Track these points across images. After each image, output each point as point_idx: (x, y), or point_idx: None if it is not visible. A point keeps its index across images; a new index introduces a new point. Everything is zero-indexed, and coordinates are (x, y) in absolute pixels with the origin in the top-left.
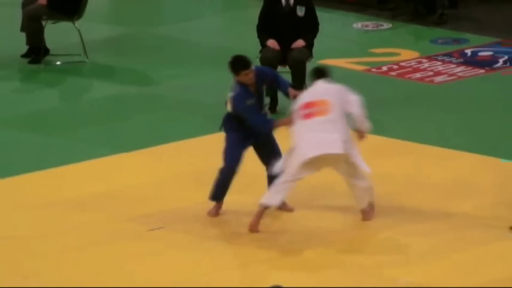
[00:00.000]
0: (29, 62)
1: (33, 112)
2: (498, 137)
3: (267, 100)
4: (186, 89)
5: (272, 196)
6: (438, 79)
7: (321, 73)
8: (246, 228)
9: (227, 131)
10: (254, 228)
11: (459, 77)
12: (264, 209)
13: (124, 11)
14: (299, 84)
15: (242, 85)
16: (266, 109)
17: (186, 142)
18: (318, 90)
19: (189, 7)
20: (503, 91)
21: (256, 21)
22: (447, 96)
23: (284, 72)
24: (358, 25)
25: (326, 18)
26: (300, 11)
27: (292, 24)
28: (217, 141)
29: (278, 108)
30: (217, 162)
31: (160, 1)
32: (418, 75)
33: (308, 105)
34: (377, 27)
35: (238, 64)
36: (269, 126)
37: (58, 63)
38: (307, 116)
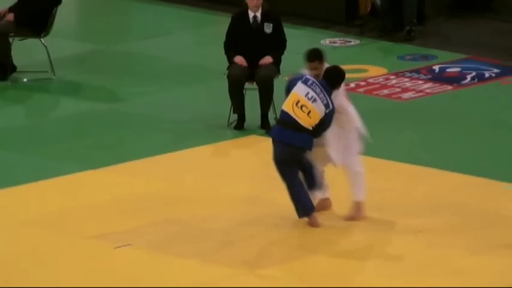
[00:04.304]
0: None
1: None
2: (466, 153)
3: (234, 117)
4: (154, 106)
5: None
6: (406, 95)
7: None
8: (214, 245)
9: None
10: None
11: (427, 93)
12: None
13: (91, 28)
14: (267, 101)
15: None
16: (233, 127)
17: (154, 159)
18: None
19: (157, 24)
20: (471, 108)
21: (223, 38)
22: (415, 113)
23: (252, 89)
24: (326, 41)
25: (294, 34)
26: (268, 28)
27: (259, 41)
28: (187, 158)
29: (246, 124)
30: (186, 178)
31: (128, 18)
32: (385, 91)
33: None
34: (345, 43)
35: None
36: None
37: (25, 80)
38: None
